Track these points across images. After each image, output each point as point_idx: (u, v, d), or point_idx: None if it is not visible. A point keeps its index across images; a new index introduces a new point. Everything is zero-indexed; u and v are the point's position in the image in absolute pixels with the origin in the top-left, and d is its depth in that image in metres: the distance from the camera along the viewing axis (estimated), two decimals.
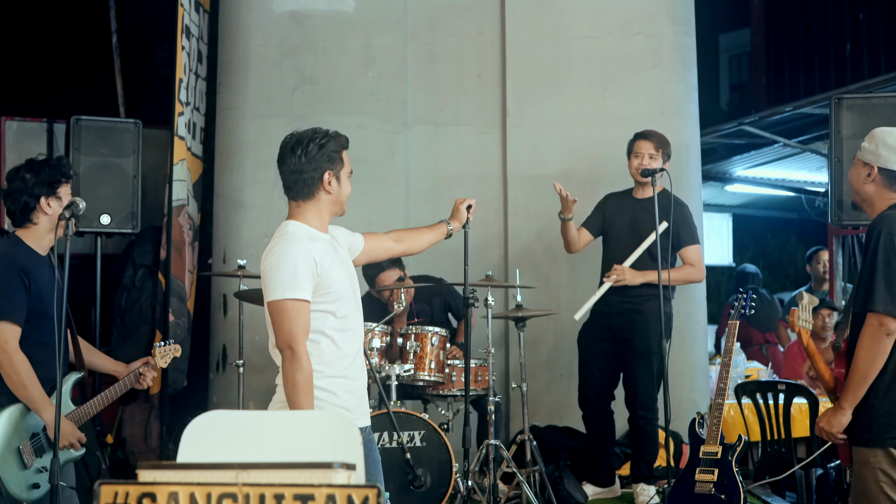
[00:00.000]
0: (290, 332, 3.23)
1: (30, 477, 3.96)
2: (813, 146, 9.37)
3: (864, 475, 3.56)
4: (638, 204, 5.66)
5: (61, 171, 4.07)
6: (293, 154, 3.36)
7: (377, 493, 1.83)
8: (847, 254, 9.77)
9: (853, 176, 3.73)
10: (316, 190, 3.36)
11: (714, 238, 12.50)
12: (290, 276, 3.23)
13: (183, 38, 6.47)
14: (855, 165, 3.73)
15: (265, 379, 6.08)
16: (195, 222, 6.81)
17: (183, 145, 6.54)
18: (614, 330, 5.65)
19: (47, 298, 3.95)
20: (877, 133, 3.68)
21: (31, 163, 4.09)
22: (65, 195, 4.06)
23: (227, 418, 2.82)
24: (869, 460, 3.55)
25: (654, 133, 5.66)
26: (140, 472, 1.95)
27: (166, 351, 4.35)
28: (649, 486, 5.60)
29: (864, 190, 3.67)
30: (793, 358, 6.96)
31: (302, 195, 3.37)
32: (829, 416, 3.65)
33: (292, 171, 3.36)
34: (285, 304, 3.23)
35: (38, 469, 3.96)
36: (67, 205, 3.85)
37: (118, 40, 8.16)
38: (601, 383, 5.72)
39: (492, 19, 6.75)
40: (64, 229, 3.82)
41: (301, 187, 3.37)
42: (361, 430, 3.21)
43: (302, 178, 3.35)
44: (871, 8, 13.67)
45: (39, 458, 3.98)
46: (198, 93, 6.82)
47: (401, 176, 6.62)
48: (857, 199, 3.77)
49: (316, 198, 3.37)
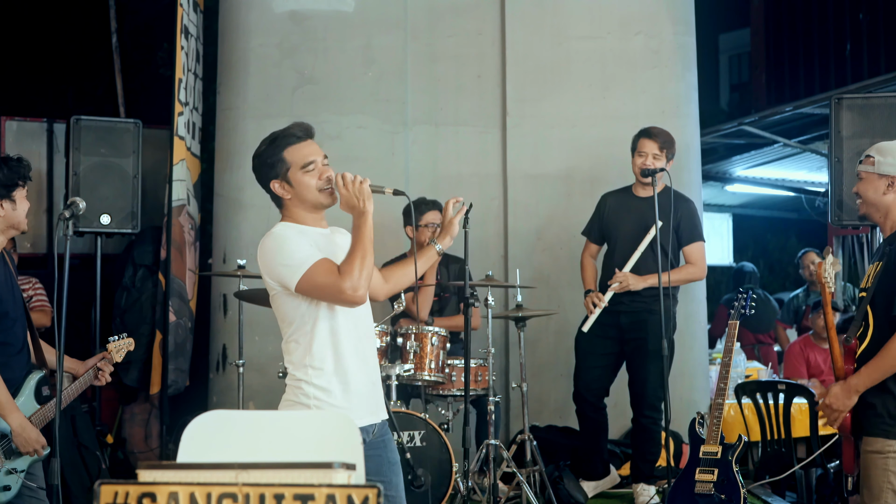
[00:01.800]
0: (334, 286, 3.13)
1: (1, 480, 3.91)
2: (813, 146, 9.37)
3: (877, 464, 3.64)
4: (643, 202, 5.62)
5: (19, 174, 4.00)
6: (253, 172, 3.37)
7: (377, 493, 1.82)
8: (847, 254, 9.77)
9: (868, 188, 3.84)
10: (278, 199, 3.35)
11: (714, 238, 12.50)
12: (291, 254, 3.17)
13: (182, 38, 6.47)
14: (867, 179, 3.84)
15: (265, 379, 6.10)
16: (196, 222, 6.82)
17: (182, 145, 6.55)
18: (623, 329, 5.62)
19: (6, 299, 3.93)
20: (891, 146, 3.84)
21: None
22: (19, 199, 4.00)
23: (227, 418, 2.81)
24: (885, 450, 3.63)
25: (660, 132, 5.59)
26: (140, 472, 1.94)
27: (120, 345, 4.26)
28: (649, 485, 5.60)
29: (883, 201, 3.82)
30: (793, 358, 6.96)
31: (277, 204, 3.38)
32: (839, 394, 3.70)
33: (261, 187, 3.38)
34: (309, 276, 3.15)
35: (6, 471, 3.92)
36: (67, 205, 3.85)
37: (118, 40, 8.16)
38: (598, 381, 5.71)
39: (492, 19, 6.75)
40: (64, 229, 3.81)
41: (272, 199, 3.37)
42: (365, 429, 3.19)
43: (268, 193, 3.35)
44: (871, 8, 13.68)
45: (8, 460, 3.93)
46: (196, 92, 6.82)
47: (401, 176, 6.62)
48: (869, 210, 3.88)
49: (285, 204, 3.34)
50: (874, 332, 3.72)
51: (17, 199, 4.01)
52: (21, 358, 4.06)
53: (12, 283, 4.04)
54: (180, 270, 6.50)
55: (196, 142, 6.83)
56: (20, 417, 3.91)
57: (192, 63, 6.73)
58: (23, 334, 4.08)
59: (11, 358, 3.99)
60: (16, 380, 3.99)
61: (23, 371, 4.06)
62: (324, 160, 3.30)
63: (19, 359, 4.05)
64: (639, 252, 5.53)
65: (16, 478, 3.95)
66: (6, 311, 3.95)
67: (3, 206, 3.97)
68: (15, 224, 4.03)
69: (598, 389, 5.72)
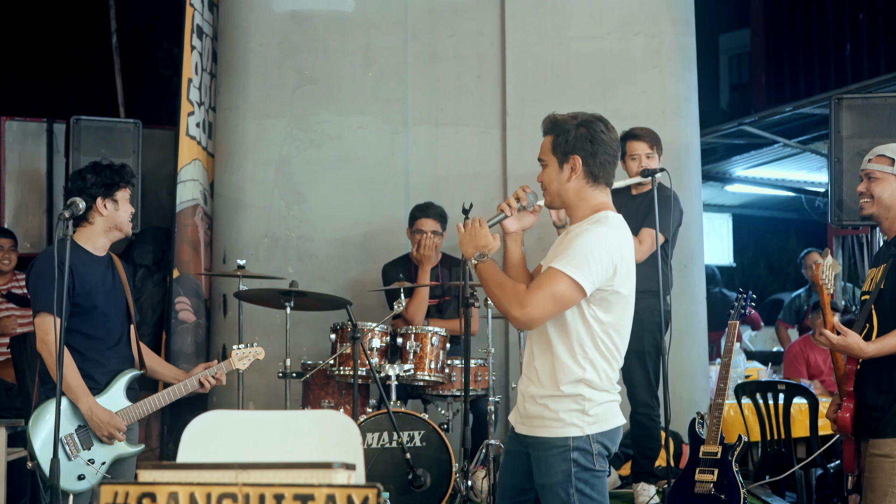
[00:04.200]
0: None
1: (75, 468, 3.99)
2: (813, 146, 9.38)
3: (883, 468, 3.63)
4: (632, 200, 5.63)
5: (121, 176, 4.17)
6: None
7: (377, 493, 1.83)
8: (847, 254, 9.78)
9: (885, 189, 3.83)
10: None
11: (714, 238, 12.51)
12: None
13: (194, 38, 6.46)
14: (884, 180, 3.82)
15: (265, 379, 6.10)
16: (211, 221, 6.79)
17: (195, 144, 6.53)
18: None
19: (97, 296, 4.06)
20: None
21: (94, 165, 4.21)
22: (122, 199, 4.15)
23: (227, 418, 2.82)
24: (894, 454, 3.62)
25: (644, 131, 5.60)
26: (140, 472, 1.95)
27: (246, 353, 4.43)
28: (649, 485, 5.60)
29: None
30: (793, 358, 6.96)
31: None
32: (854, 342, 3.69)
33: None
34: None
35: (85, 461, 4.00)
36: (67, 205, 3.87)
37: (118, 40, 8.17)
38: None
39: (492, 19, 6.75)
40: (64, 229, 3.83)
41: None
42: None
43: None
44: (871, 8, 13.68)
45: (86, 449, 4.01)
46: (212, 92, 6.80)
47: (401, 176, 6.62)
48: (880, 210, 3.85)
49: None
50: (879, 332, 3.72)
51: (119, 200, 4.15)
52: (116, 353, 4.18)
53: (112, 284, 4.18)
54: (197, 270, 6.50)
55: (213, 141, 6.81)
56: (89, 401, 4.00)
57: (208, 62, 6.71)
58: (119, 331, 4.20)
59: (104, 352, 4.12)
60: (108, 373, 4.11)
61: (117, 366, 4.17)
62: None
63: (114, 354, 4.17)
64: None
65: (93, 469, 3.99)
66: (95, 304, 4.06)
67: (105, 206, 4.11)
68: (118, 224, 4.17)
69: None
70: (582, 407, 3.16)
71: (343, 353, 5.34)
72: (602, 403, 3.19)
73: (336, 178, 6.56)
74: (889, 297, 3.72)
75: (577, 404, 3.16)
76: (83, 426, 4.03)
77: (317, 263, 6.49)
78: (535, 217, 3.59)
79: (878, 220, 3.89)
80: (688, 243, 6.35)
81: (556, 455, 3.15)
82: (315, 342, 6.10)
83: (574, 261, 3.13)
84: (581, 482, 3.14)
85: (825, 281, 3.83)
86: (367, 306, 6.14)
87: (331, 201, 6.55)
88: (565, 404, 3.17)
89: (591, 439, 3.16)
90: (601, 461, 3.18)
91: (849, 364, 3.80)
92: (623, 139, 5.63)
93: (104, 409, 4.03)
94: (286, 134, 6.56)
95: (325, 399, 5.51)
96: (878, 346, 3.66)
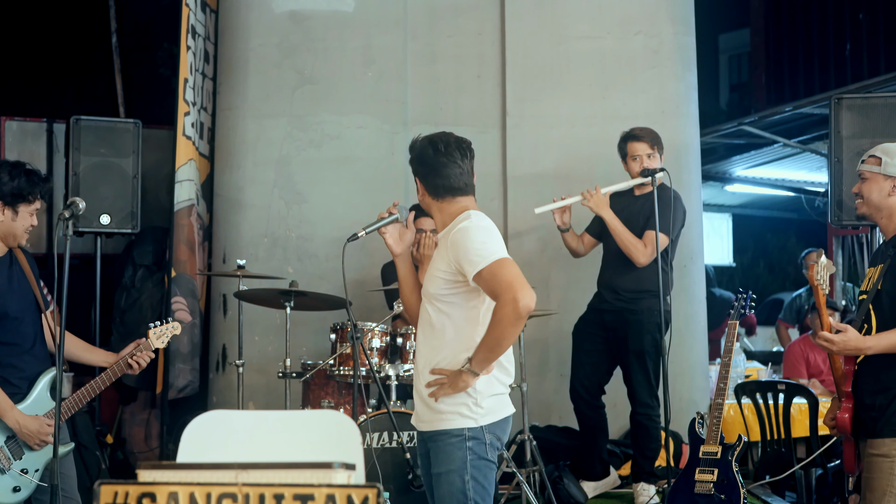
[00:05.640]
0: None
1: (10, 481, 3.91)
2: (813, 146, 9.38)
3: (882, 468, 3.64)
4: (635, 202, 5.64)
5: (37, 190, 3.98)
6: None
7: (377, 493, 1.83)
8: (847, 254, 9.78)
9: (873, 189, 3.84)
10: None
11: (714, 238, 12.51)
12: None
13: (189, 38, 6.45)
14: (872, 180, 3.84)
15: (265, 379, 6.11)
16: (205, 222, 6.80)
17: (190, 145, 6.53)
18: (607, 328, 5.66)
19: (5, 302, 3.92)
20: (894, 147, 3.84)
21: (14, 166, 3.99)
22: (25, 212, 3.97)
23: (227, 418, 2.82)
24: (892, 454, 3.63)
25: (644, 131, 5.62)
26: (140, 472, 1.95)
27: (163, 331, 4.20)
28: (650, 485, 5.60)
29: (888, 203, 3.82)
30: (793, 358, 6.96)
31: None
32: (852, 339, 3.69)
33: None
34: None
35: (18, 471, 3.92)
36: (67, 205, 3.84)
37: (118, 40, 8.17)
38: (590, 377, 5.71)
39: (492, 19, 6.75)
40: (64, 229, 3.81)
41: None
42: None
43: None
44: (871, 8, 13.68)
45: (18, 460, 3.93)
46: (204, 92, 6.80)
47: (401, 176, 6.61)
48: (871, 211, 3.86)
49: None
50: (877, 331, 3.72)
51: (20, 212, 3.97)
52: (34, 356, 4.05)
53: (18, 283, 4.02)
54: (193, 270, 6.50)
55: (205, 142, 6.81)
56: (15, 414, 3.90)
57: (200, 63, 6.71)
58: (32, 332, 4.05)
59: (20, 357, 3.99)
60: (28, 378, 3.99)
61: (35, 369, 4.05)
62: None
63: (31, 357, 4.04)
64: (613, 188, 5.64)
65: (27, 479, 3.94)
66: (5, 311, 3.94)
67: (3, 212, 3.95)
68: (12, 234, 3.99)
69: (592, 386, 5.72)
70: (474, 399, 3.41)
71: (343, 353, 5.34)
72: (492, 396, 3.46)
73: (336, 177, 6.56)
74: (887, 296, 3.73)
75: (469, 396, 3.40)
76: (11, 437, 3.92)
77: (317, 263, 6.50)
78: (412, 233, 3.76)
79: (874, 220, 3.91)
80: (687, 243, 6.35)
81: (453, 444, 3.39)
82: (315, 342, 6.10)
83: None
84: (475, 469, 3.38)
85: (820, 281, 3.84)
86: (367, 306, 6.14)
87: (330, 201, 6.55)
88: (458, 398, 3.40)
89: (484, 430, 3.40)
90: (493, 452, 3.43)
91: (847, 365, 3.81)
92: (624, 140, 5.64)
93: (31, 418, 3.92)
94: (286, 134, 6.56)
95: (325, 399, 5.50)
96: (878, 340, 3.66)
